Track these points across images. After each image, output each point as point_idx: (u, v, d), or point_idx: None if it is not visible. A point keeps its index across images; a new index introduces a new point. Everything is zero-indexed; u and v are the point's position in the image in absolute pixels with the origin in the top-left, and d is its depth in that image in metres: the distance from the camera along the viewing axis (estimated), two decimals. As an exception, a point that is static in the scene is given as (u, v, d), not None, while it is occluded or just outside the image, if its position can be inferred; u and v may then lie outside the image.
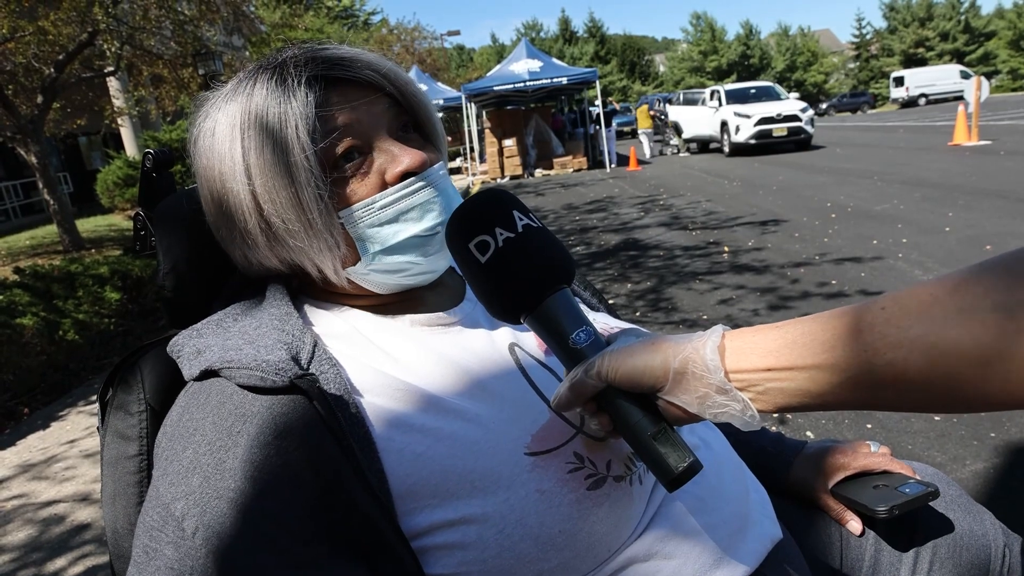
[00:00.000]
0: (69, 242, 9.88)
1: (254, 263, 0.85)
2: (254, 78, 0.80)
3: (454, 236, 0.73)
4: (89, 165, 22.06)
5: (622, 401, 0.67)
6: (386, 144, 0.82)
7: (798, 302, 4.77)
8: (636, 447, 0.68)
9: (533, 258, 0.71)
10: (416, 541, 0.69)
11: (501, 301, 0.72)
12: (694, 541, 0.77)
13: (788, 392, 0.59)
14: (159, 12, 10.06)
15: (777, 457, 1.10)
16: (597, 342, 0.71)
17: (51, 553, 2.73)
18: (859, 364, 0.54)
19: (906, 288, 0.54)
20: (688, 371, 0.63)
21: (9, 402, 4.47)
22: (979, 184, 8.57)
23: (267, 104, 0.77)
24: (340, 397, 0.72)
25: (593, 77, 18.24)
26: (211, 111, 0.82)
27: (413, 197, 0.81)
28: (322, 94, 0.78)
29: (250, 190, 0.78)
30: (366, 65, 0.82)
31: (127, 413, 0.84)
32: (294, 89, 0.77)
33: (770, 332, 0.61)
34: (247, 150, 0.78)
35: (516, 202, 0.75)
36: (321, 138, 0.77)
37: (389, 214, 0.81)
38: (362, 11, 44.69)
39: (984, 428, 2.81)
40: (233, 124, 0.79)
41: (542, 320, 0.71)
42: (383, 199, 0.80)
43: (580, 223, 9.52)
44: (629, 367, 0.65)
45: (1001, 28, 52.70)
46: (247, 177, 0.78)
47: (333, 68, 0.80)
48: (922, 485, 0.96)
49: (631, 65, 67.23)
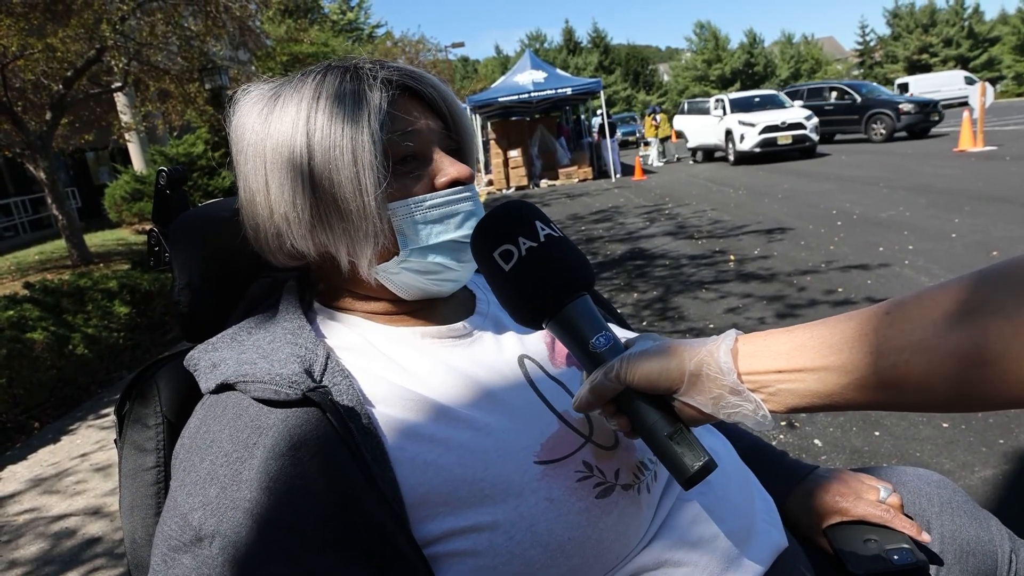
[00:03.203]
0: (78, 257, 9.93)
1: (286, 248, 0.85)
2: (324, 72, 0.83)
3: (479, 245, 0.76)
4: (97, 180, 22.18)
5: (640, 402, 0.69)
6: (439, 156, 0.86)
7: (805, 310, 4.76)
8: (653, 447, 0.69)
9: (555, 266, 0.74)
10: (428, 549, 0.70)
11: (524, 307, 0.75)
12: (702, 550, 0.78)
13: (798, 393, 0.62)
14: (166, 28, 10.17)
15: (774, 482, 1.03)
16: (616, 346, 0.73)
17: (63, 567, 2.74)
18: (865, 366, 0.57)
19: (912, 293, 0.58)
20: (703, 373, 0.65)
21: (20, 416, 4.49)
22: (985, 190, 8.55)
23: (343, 87, 0.80)
24: (352, 408, 0.74)
25: (597, 87, 18.27)
26: (270, 92, 0.84)
27: (459, 205, 0.85)
28: (395, 97, 0.82)
29: (309, 163, 0.79)
30: (431, 84, 0.87)
31: (144, 426, 0.85)
32: (370, 82, 0.81)
33: (781, 336, 0.64)
34: (314, 124, 0.79)
35: (538, 213, 0.77)
36: (390, 132, 0.80)
37: (435, 215, 0.84)
38: (367, 24, 44.89)
39: (993, 435, 2.80)
40: (302, 99, 0.81)
41: (563, 325, 0.74)
42: (433, 199, 0.84)
43: (586, 233, 9.52)
44: (646, 370, 0.67)
45: (1005, 33, 52.56)
46: (308, 151, 0.79)
47: (403, 77, 0.84)
48: (913, 557, 0.91)
49: (635, 75, 67.32)
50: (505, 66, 51.62)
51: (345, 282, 0.88)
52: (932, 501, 1.01)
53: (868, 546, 0.93)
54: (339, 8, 41.86)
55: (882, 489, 1.00)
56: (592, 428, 0.81)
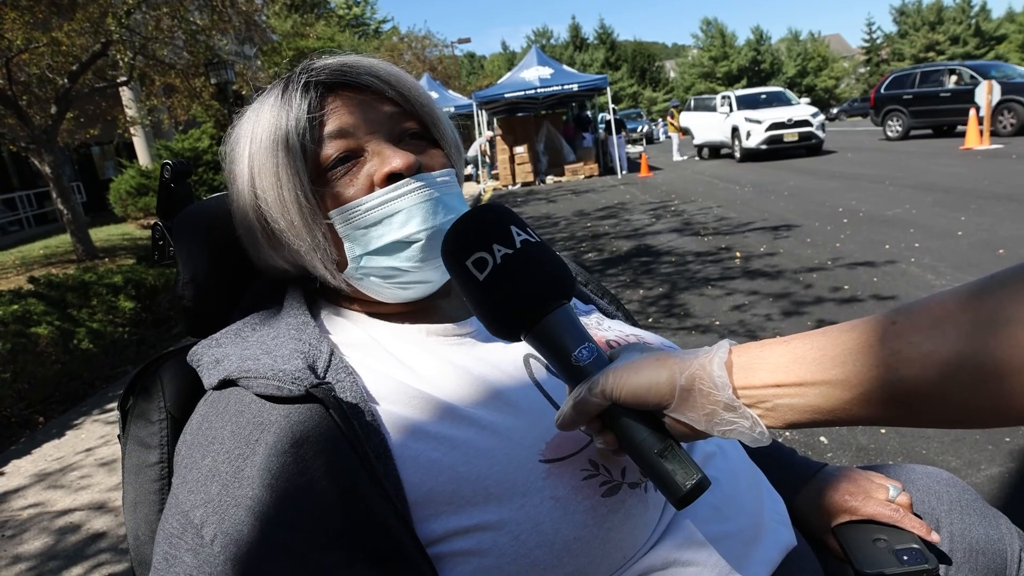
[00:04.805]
0: (83, 251, 9.94)
1: (265, 263, 0.89)
2: (270, 90, 0.85)
3: (450, 254, 0.71)
4: (102, 175, 22.23)
5: (627, 419, 0.65)
6: (379, 147, 0.83)
7: (811, 307, 4.75)
8: (642, 465, 0.66)
9: (533, 274, 0.69)
10: (432, 548, 0.70)
11: (500, 320, 0.70)
12: (711, 549, 0.77)
13: (798, 408, 0.58)
14: (172, 22, 10.16)
15: (783, 480, 1.03)
16: (600, 359, 0.69)
17: (67, 562, 2.74)
18: (871, 380, 0.53)
19: (917, 301, 0.54)
20: (695, 388, 0.62)
21: (24, 411, 4.50)
22: (991, 188, 8.52)
23: (270, 111, 0.82)
24: (356, 405, 0.73)
25: (604, 84, 18.25)
26: (241, 121, 0.87)
27: (399, 201, 0.81)
28: (318, 100, 0.81)
29: (252, 192, 0.83)
30: (366, 70, 0.84)
31: (148, 421, 0.85)
32: (291, 95, 0.81)
33: (778, 347, 0.60)
34: (253, 155, 0.82)
35: (513, 217, 0.73)
36: (311, 141, 0.80)
37: (374, 217, 0.81)
38: (373, 20, 44.92)
39: (999, 433, 2.79)
40: (246, 132, 0.84)
41: (543, 338, 0.70)
42: (368, 202, 0.81)
43: (592, 229, 9.51)
44: (634, 384, 0.64)
45: (1012, 31, 52.45)
46: (250, 177, 0.83)
47: (332, 74, 0.83)
48: (923, 557, 0.89)
49: (641, 71, 67.25)
50: (511, 62, 51.71)
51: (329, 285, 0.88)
52: (941, 499, 1.00)
53: (877, 546, 0.91)
54: (345, 3, 41.83)
55: (891, 488, 0.98)
56: None
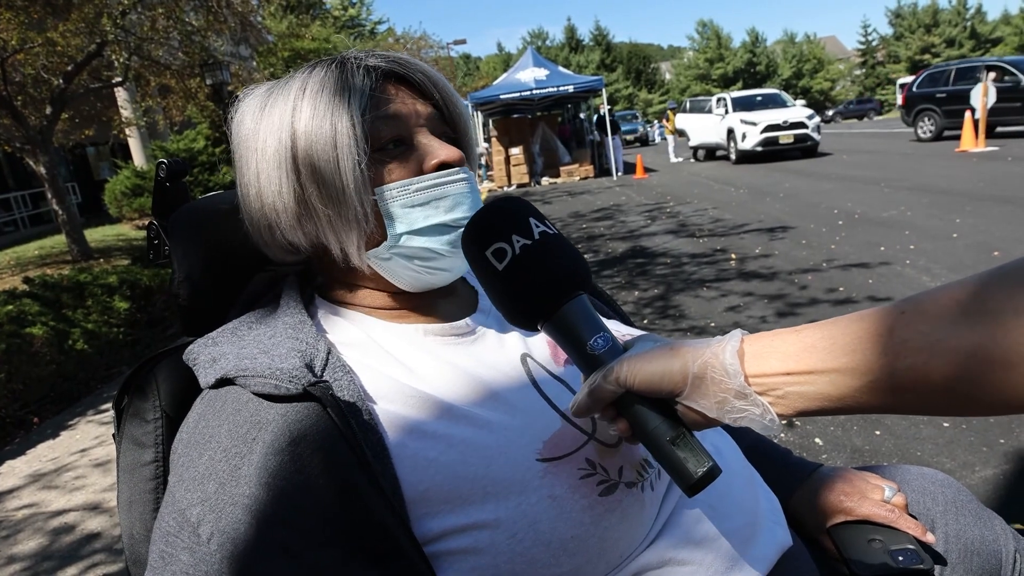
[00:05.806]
0: (78, 252, 9.91)
1: (279, 241, 0.86)
2: (313, 66, 0.84)
3: (471, 243, 0.74)
4: (97, 175, 22.15)
5: (640, 406, 0.67)
6: (428, 139, 0.84)
7: (806, 309, 4.76)
8: (655, 452, 0.67)
9: (550, 265, 0.71)
10: (429, 546, 0.70)
11: (519, 308, 0.72)
12: (707, 548, 0.77)
13: (808, 396, 0.59)
14: (167, 23, 10.15)
15: (778, 481, 1.02)
16: (615, 348, 0.71)
17: (61, 562, 2.74)
18: (880, 368, 0.54)
19: (925, 292, 0.55)
20: (707, 375, 0.63)
21: (19, 411, 4.49)
22: (987, 190, 8.54)
23: (326, 77, 0.81)
24: (353, 404, 0.73)
25: (599, 85, 18.24)
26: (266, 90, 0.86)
27: (447, 187, 0.83)
28: (379, 82, 0.82)
29: (291, 153, 0.80)
30: (420, 69, 0.86)
31: (143, 420, 0.85)
32: (353, 71, 0.81)
33: (789, 336, 0.61)
34: (299, 114, 0.80)
35: (532, 209, 0.75)
36: (371, 117, 0.80)
37: (422, 198, 0.82)
38: (368, 20, 44.85)
39: (993, 434, 2.80)
40: (290, 92, 0.82)
41: (560, 327, 0.71)
42: (420, 182, 0.82)
43: (587, 231, 9.52)
44: (648, 372, 0.65)
45: (1007, 34, 52.60)
46: (292, 140, 0.80)
47: (390, 63, 0.84)
48: (918, 558, 0.89)
49: (637, 73, 67.34)
50: (507, 63, 51.62)
51: (343, 274, 0.87)
52: (937, 500, 1.01)
53: (872, 546, 0.92)
54: (341, 4, 41.82)
55: (887, 488, 0.98)
56: (595, 426, 0.80)
